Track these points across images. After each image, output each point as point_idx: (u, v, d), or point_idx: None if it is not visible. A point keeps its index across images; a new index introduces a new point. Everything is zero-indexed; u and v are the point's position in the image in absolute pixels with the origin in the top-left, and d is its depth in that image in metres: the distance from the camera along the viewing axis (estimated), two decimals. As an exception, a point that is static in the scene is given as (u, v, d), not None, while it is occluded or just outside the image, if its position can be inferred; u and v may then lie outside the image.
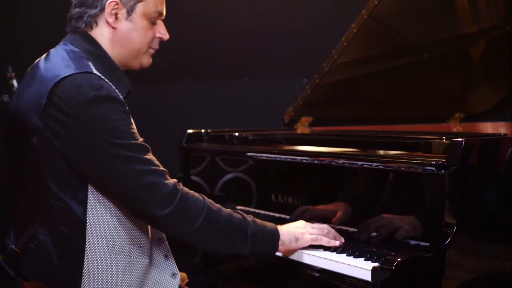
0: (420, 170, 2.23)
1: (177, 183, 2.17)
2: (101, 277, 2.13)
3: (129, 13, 2.26)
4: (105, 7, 2.24)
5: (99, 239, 2.13)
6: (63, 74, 2.12)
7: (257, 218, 2.32)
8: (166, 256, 2.29)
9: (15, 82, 4.31)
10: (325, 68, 3.23)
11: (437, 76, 3.62)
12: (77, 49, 2.22)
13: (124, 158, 2.10)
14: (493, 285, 2.22)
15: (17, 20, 4.64)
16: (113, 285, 2.15)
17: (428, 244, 2.16)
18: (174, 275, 2.28)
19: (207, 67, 4.85)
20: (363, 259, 2.24)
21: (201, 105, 4.85)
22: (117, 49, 2.27)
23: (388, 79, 3.51)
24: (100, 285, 2.14)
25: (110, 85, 2.16)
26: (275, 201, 2.80)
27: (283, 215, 2.76)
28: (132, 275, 2.17)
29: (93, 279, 2.13)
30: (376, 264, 2.12)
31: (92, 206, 2.13)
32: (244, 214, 2.27)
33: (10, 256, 2.30)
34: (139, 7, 2.27)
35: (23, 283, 2.25)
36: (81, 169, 2.12)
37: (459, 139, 2.16)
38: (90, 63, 2.19)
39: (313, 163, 2.64)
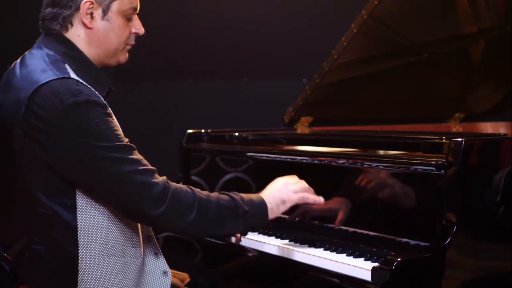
0: (420, 170, 2.23)
1: (166, 181, 2.15)
2: (96, 280, 2.12)
3: (105, 12, 2.19)
4: (80, 7, 2.17)
5: (91, 243, 2.12)
6: (40, 81, 2.07)
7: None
8: (156, 254, 2.27)
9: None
10: (325, 68, 3.23)
11: (437, 76, 3.62)
12: (52, 52, 2.18)
13: (111, 160, 2.07)
14: (493, 285, 2.22)
15: (17, 20, 4.64)
16: (109, 286, 2.13)
17: (428, 244, 2.16)
18: (165, 273, 2.26)
19: (207, 67, 4.85)
20: (363, 259, 2.24)
21: (201, 105, 4.85)
22: (93, 49, 2.22)
23: (388, 79, 3.51)
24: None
25: (89, 88, 2.12)
26: (275, 201, 2.80)
27: (283, 215, 2.76)
28: (127, 275, 2.16)
29: (89, 283, 2.12)
30: (376, 264, 2.12)
31: (81, 211, 2.11)
32: (229, 193, 2.27)
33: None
34: (115, 5, 2.20)
35: (21, 287, 2.24)
36: (69, 176, 2.09)
37: (459, 139, 2.16)
38: (67, 66, 2.15)
39: (313, 163, 2.64)
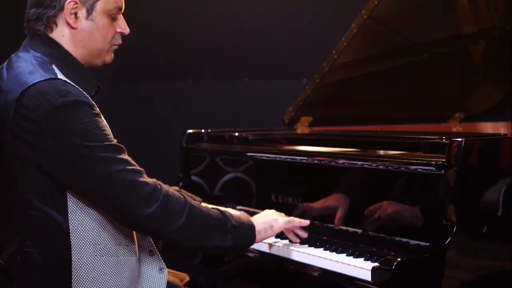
0: (420, 170, 2.23)
1: (157, 182, 2.15)
2: (91, 281, 2.12)
3: (89, 12, 2.19)
4: (64, 7, 2.17)
5: (84, 244, 2.11)
6: (28, 83, 2.07)
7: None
8: (151, 252, 2.27)
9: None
10: (325, 68, 3.23)
11: (437, 76, 3.62)
12: (39, 54, 2.17)
13: (101, 160, 2.06)
14: (493, 285, 2.22)
15: (17, 20, 4.63)
16: (103, 284, 2.13)
17: (428, 244, 2.16)
18: (161, 269, 2.26)
19: (207, 67, 4.85)
20: (363, 259, 2.24)
21: (201, 105, 4.84)
22: (79, 49, 2.21)
23: (388, 79, 3.51)
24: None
25: (77, 88, 2.12)
26: (275, 201, 2.80)
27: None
28: (121, 274, 2.16)
29: (83, 284, 2.11)
30: (376, 264, 2.12)
31: (73, 213, 2.11)
32: (219, 208, 2.27)
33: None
34: (99, 5, 2.19)
35: None
36: (58, 176, 2.09)
37: (459, 139, 2.16)
38: (54, 67, 2.14)
39: (313, 163, 2.64)
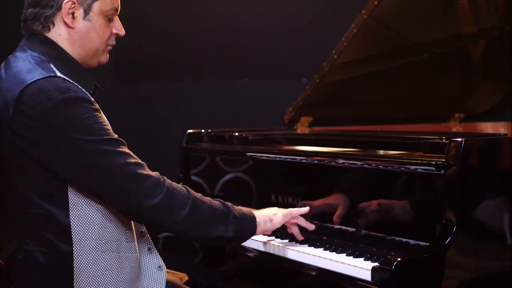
0: (420, 170, 2.23)
1: (160, 175, 2.17)
2: (92, 277, 2.12)
3: (86, 12, 2.20)
4: (61, 6, 2.18)
5: (85, 240, 2.12)
6: (27, 81, 2.08)
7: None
8: (150, 249, 2.28)
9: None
10: (325, 68, 3.23)
11: (437, 76, 3.62)
12: (36, 53, 2.18)
13: (103, 153, 2.08)
14: (493, 285, 2.22)
15: (17, 20, 4.63)
16: (105, 283, 2.14)
17: (428, 244, 2.16)
18: (160, 267, 2.27)
19: (206, 67, 4.85)
20: (363, 259, 2.24)
21: (201, 105, 4.84)
22: (76, 49, 2.22)
23: (388, 79, 3.51)
24: (92, 285, 2.12)
25: (76, 85, 2.13)
26: (275, 201, 2.80)
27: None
28: (122, 271, 2.16)
29: (85, 281, 2.12)
30: (376, 264, 2.12)
31: (74, 209, 2.11)
32: (220, 200, 2.29)
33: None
34: (96, 6, 2.21)
35: None
36: (61, 172, 2.10)
37: (459, 139, 2.16)
38: (52, 66, 2.15)
39: (313, 163, 2.64)
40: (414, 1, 3.18)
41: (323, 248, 2.38)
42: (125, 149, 2.14)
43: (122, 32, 2.29)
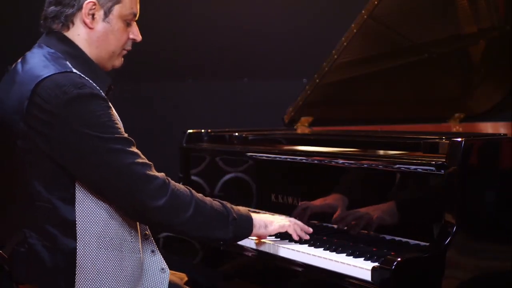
0: (420, 170, 2.23)
1: (165, 177, 2.19)
2: (94, 274, 2.13)
3: (106, 14, 2.24)
4: (82, 6, 2.22)
5: (89, 236, 2.13)
6: (43, 75, 2.11)
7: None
8: (153, 252, 2.29)
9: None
10: (325, 68, 3.23)
11: (437, 76, 3.62)
12: (53, 50, 2.22)
13: (113, 151, 2.10)
14: (493, 285, 2.22)
15: (17, 20, 4.63)
16: (107, 281, 2.14)
17: (428, 244, 2.16)
18: (163, 269, 2.28)
19: (207, 67, 4.85)
20: (363, 259, 2.24)
21: (201, 105, 4.84)
22: (93, 50, 2.26)
23: (388, 79, 3.51)
24: (94, 282, 2.13)
25: (91, 82, 2.16)
26: (275, 201, 2.80)
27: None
28: (124, 269, 2.17)
29: (86, 277, 2.12)
30: (376, 264, 2.12)
31: (80, 205, 2.13)
32: (220, 200, 2.32)
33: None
34: (116, 9, 2.25)
35: (20, 286, 2.24)
36: (70, 167, 2.11)
37: (459, 139, 2.16)
38: (68, 63, 2.18)
39: (313, 163, 2.64)
40: (414, 1, 3.17)
41: (323, 248, 2.38)
42: (135, 149, 2.16)
43: (139, 37, 2.34)
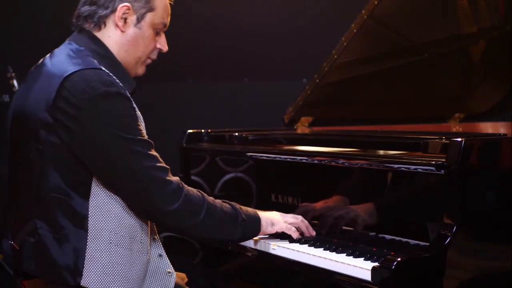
0: (420, 170, 2.23)
1: (180, 181, 2.24)
2: (102, 268, 2.14)
3: (139, 20, 2.29)
4: (116, 9, 2.27)
5: (101, 230, 2.15)
6: (72, 69, 2.15)
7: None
8: (161, 256, 2.32)
9: (15, 82, 4.31)
10: (325, 68, 3.23)
11: (437, 76, 3.62)
12: (83, 48, 2.25)
13: (133, 153, 2.14)
14: (493, 285, 2.22)
15: (17, 20, 4.64)
16: (114, 277, 2.16)
17: (428, 244, 2.16)
18: (170, 273, 2.30)
19: (207, 67, 4.86)
20: (363, 258, 2.24)
21: (201, 105, 4.85)
22: (122, 53, 2.30)
23: (388, 79, 3.51)
24: (100, 278, 2.14)
25: (118, 82, 2.19)
26: (275, 201, 2.80)
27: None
28: (132, 269, 2.19)
29: (93, 273, 2.14)
30: (376, 263, 2.12)
31: (95, 199, 2.15)
32: (229, 202, 2.36)
33: (10, 256, 2.29)
34: (149, 16, 2.30)
35: (24, 282, 2.25)
36: (89, 162, 2.14)
37: (459, 139, 2.16)
38: (95, 62, 2.21)
39: (313, 163, 2.64)
40: (414, 1, 3.17)
41: (323, 248, 2.38)
42: (154, 152, 2.20)
43: (165, 48, 2.39)
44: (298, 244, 2.46)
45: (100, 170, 2.15)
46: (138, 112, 2.23)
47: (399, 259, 2.03)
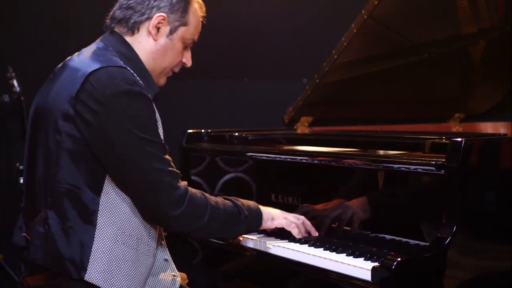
0: (420, 170, 2.23)
1: (187, 187, 2.26)
2: (107, 264, 2.16)
3: (171, 32, 2.34)
4: (152, 17, 2.31)
5: (109, 226, 2.17)
6: (98, 65, 2.18)
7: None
8: (166, 260, 2.34)
9: (15, 82, 4.31)
10: (325, 68, 3.23)
11: (437, 76, 3.62)
12: (110, 48, 2.29)
13: (147, 154, 2.16)
14: (493, 285, 2.22)
15: (17, 20, 4.64)
16: (117, 275, 2.17)
17: (428, 244, 2.16)
18: (175, 276, 2.33)
19: (206, 66, 4.85)
20: (363, 258, 2.24)
21: (201, 105, 4.85)
22: (149, 60, 2.34)
23: (388, 79, 3.51)
24: (105, 274, 2.15)
25: (141, 83, 2.22)
26: (275, 201, 2.80)
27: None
28: (137, 268, 2.20)
29: (98, 268, 2.15)
30: (376, 263, 2.12)
31: (106, 195, 2.17)
32: (231, 199, 2.39)
33: (11, 254, 2.30)
34: (181, 30, 2.36)
35: (26, 278, 2.26)
36: (103, 158, 2.16)
37: (459, 139, 2.16)
38: (121, 62, 2.24)
39: (313, 163, 2.64)
40: (414, 1, 3.18)
41: (323, 248, 2.38)
42: (167, 156, 2.22)
43: (189, 63, 2.46)
44: (298, 244, 2.46)
45: (111, 165, 2.17)
46: (158, 116, 2.26)
47: (399, 259, 2.03)
